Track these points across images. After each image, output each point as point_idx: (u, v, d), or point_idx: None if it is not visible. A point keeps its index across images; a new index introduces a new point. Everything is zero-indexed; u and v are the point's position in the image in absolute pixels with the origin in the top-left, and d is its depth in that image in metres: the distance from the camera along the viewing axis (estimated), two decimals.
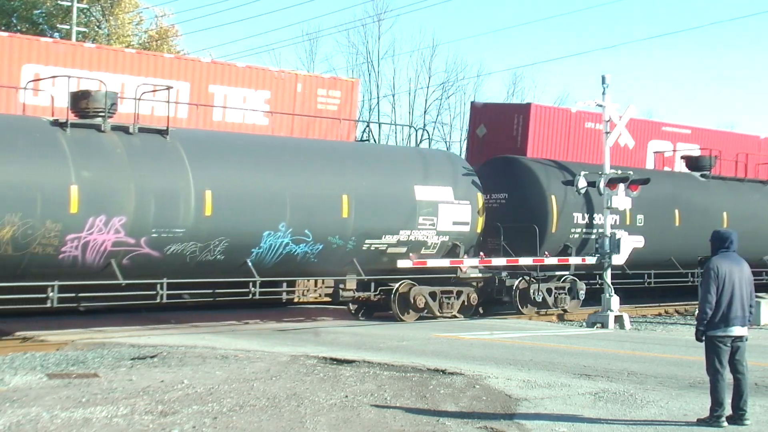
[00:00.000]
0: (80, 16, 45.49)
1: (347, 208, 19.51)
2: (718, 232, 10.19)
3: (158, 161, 17.59)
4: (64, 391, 11.11)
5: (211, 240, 17.88)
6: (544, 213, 22.94)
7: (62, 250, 16.37)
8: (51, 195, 16.12)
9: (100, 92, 17.37)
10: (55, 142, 16.58)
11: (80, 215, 16.38)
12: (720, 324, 9.68)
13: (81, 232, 16.46)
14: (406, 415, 10.08)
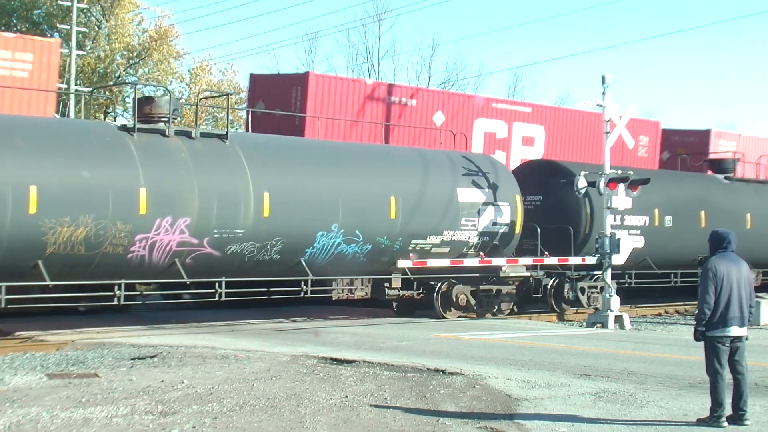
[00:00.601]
0: (80, 16, 45.46)
1: (395, 210, 20.29)
2: (716, 232, 10.20)
3: (219, 165, 18.27)
4: (64, 391, 11.11)
5: (269, 240, 18.58)
6: (577, 214, 23.60)
7: (131, 249, 17.03)
8: (122, 197, 16.76)
9: (163, 98, 18.27)
10: (124, 146, 17.25)
11: (148, 216, 17.05)
12: (718, 324, 9.69)
13: (149, 233, 17.12)
14: (406, 415, 10.08)
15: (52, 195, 16.02)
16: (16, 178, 15.74)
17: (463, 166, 22.04)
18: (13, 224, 15.66)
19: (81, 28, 44.62)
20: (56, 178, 16.20)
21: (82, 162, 16.58)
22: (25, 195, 15.75)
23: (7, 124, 16.76)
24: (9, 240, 15.70)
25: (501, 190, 22.17)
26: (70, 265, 16.49)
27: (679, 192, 26.03)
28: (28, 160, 16.06)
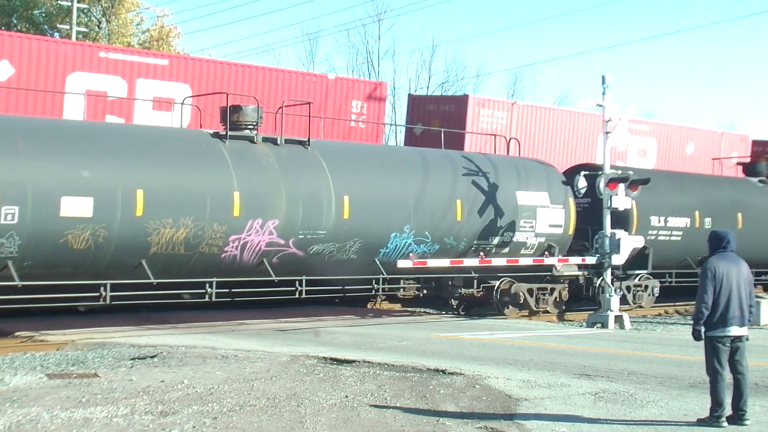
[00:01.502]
0: (80, 16, 45.49)
1: (461, 212, 21.42)
2: (716, 232, 10.20)
3: (303, 169, 19.42)
4: (64, 391, 11.11)
5: (347, 240, 19.74)
6: (625, 216, 24.17)
7: (225, 249, 18.15)
8: (218, 200, 17.90)
9: (249, 107, 19.30)
10: (219, 152, 18.41)
11: (241, 218, 18.17)
12: (718, 324, 9.69)
13: (241, 234, 18.23)
14: (406, 415, 10.08)
15: (156, 198, 17.12)
16: (125, 183, 16.83)
17: (521, 171, 23.16)
18: (121, 225, 16.76)
19: (81, 28, 44.64)
20: (160, 182, 17.31)
21: (183, 167, 17.78)
22: (133, 198, 16.86)
23: (118, 132, 18.13)
24: (117, 240, 16.78)
25: (555, 194, 23.21)
26: (170, 264, 17.60)
27: (717, 195, 27.62)
28: (136, 165, 17.18)
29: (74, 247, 16.42)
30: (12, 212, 15.75)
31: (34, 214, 15.93)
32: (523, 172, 23.11)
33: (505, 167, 23.05)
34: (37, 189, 16.00)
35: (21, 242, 15.89)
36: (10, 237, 15.79)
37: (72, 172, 16.42)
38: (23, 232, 15.86)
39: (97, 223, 16.53)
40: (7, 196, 15.65)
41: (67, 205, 16.22)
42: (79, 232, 16.40)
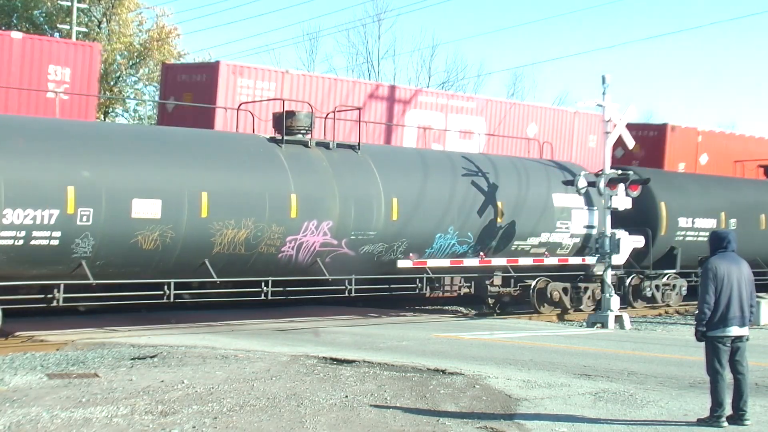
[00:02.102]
0: (80, 17, 45.47)
1: (501, 214, 22.14)
2: (716, 232, 10.22)
3: (354, 173, 20.12)
4: (64, 391, 11.11)
5: (395, 241, 20.47)
6: (655, 217, 25.38)
7: (282, 249, 18.82)
8: (276, 202, 18.58)
9: (302, 113, 20.02)
10: (276, 156, 19.11)
11: (298, 220, 18.86)
12: (719, 324, 9.68)
13: (297, 235, 18.92)
14: (406, 415, 10.08)
15: (220, 200, 17.79)
16: (191, 186, 17.52)
17: (556, 173, 23.90)
18: (188, 226, 17.42)
19: (81, 28, 44.62)
20: (223, 185, 17.99)
21: (244, 170, 18.48)
22: (198, 200, 17.53)
23: (183, 137, 18.81)
24: (184, 240, 17.44)
25: (590, 196, 23.65)
26: (230, 264, 18.26)
27: (741, 197, 28.60)
28: (200, 169, 17.90)
29: (143, 247, 17.07)
30: (87, 214, 16.35)
31: (108, 215, 16.54)
32: (556, 174, 23.79)
33: (543, 170, 23.94)
34: (110, 191, 16.61)
35: (95, 242, 16.51)
36: (84, 237, 16.41)
37: (143, 176, 17.08)
38: (97, 232, 16.46)
39: (165, 224, 17.19)
40: (83, 198, 16.27)
41: (138, 207, 16.88)
42: (149, 233, 17.06)
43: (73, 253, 16.38)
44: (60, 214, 16.04)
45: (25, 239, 15.83)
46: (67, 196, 16.12)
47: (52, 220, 16.01)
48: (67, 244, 16.25)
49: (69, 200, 16.13)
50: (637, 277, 25.32)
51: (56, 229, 16.08)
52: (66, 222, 16.11)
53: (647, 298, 25.61)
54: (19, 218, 15.72)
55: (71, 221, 16.16)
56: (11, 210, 15.64)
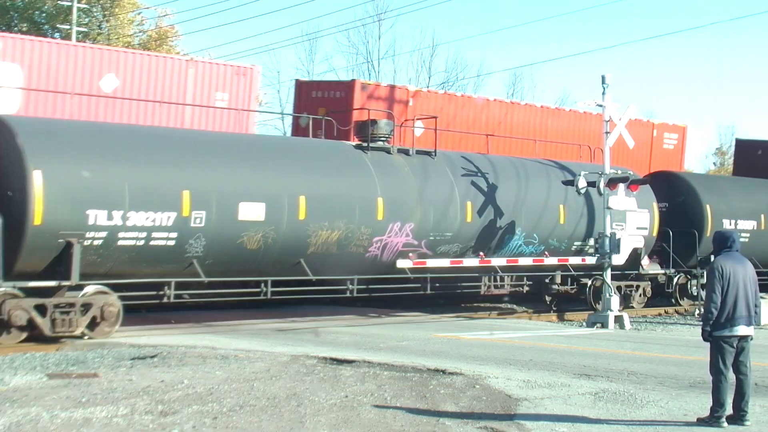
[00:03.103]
0: (80, 17, 45.48)
1: (564, 216, 23.41)
2: (720, 232, 10.19)
3: (432, 177, 21.46)
4: (64, 391, 11.11)
5: (469, 242, 21.78)
6: (700, 219, 26.61)
7: (369, 249, 20.12)
8: (365, 205, 19.92)
9: (383, 121, 21.47)
10: (363, 162, 20.48)
11: (384, 222, 20.19)
12: (726, 324, 9.64)
13: (383, 236, 20.26)
14: (406, 415, 10.08)
15: (316, 203, 19.06)
16: (290, 190, 18.80)
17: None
18: (287, 227, 18.68)
19: (81, 28, 44.64)
20: (318, 189, 19.25)
21: (336, 175, 19.84)
22: (296, 204, 18.81)
23: (279, 144, 20.68)
24: (283, 241, 18.66)
25: (642, 198, 24.67)
26: (323, 263, 19.47)
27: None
28: (298, 174, 19.19)
29: (248, 247, 18.29)
30: (200, 216, 17.59)
31: (218, 217, 17.77)
32: None
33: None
34: (220, 196, 17.83)
35: (206, 243, 17.73)
36: (197, 238, 17.65)
37: (248, 181, 18.37)
38: (208, 233, 17.67)
39: (268, 226, 18.43)
40: (197, 202, 17.51)
41: (244, 210, 18.13)
42: (253, 234, 18.28)
43: (186, 252, 17.61)
44: (177, 216, 17.28)
45: (145, 240, 16.99)
46: (183, 200, 17.38)
47: (170, 222, 17.23)
48: (182, 244, 17.47)
49: (184, 204, 17.40)
50: (684, 276, 26.68)
51: (173, 230, 17.30)
52: (182, 224, 17.35)
53: (693, 296, 26.71)
54: (140, 220, 16.88)
55: (186, 223, 17.41)
56: (134, 212, 16.80)
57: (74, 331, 16.51)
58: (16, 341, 16.04)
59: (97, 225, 16.49)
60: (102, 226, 16.54)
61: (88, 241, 16.43)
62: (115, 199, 16.66)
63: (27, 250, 15.99)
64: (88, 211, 16.37)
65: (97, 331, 16.84)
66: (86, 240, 16.39)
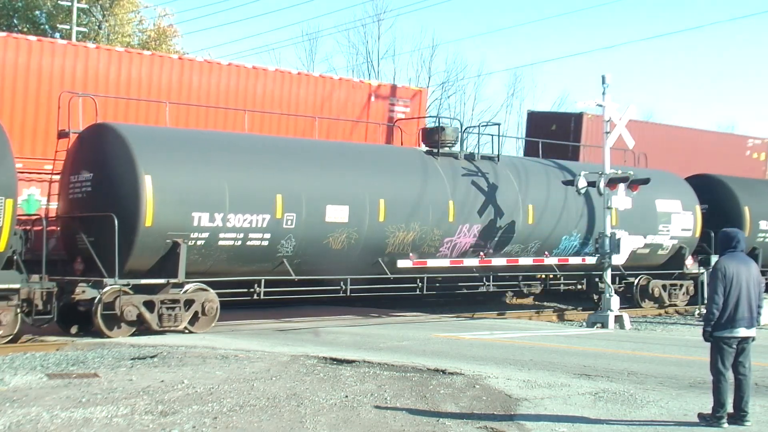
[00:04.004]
0: (80, 17, 45.48)
1: (615, 217, 23.89)
2: (725, 231, 10.08)
3: (497, 181, 22.68)
4: (64, 391, 11.11)
5: (529, 242, 23.05)
6: (739, 221, 27.31)
7: (440, 250, 21.51)
8: (437, 208, 21.24)
9: (450, 128, 22.64)
10: (434, 167, 21.78)
11: (455, 223, 21.50)
12: (726, 325, 9.60)
13: (453, 237, 21.59)
14: (406, 415, 10.08)
15: (394, 206, 20.43)
16: (371, 193, 20.16)
17: (657, 181, 25.57)
18: (368, 229, 20.05)
19: (81, 28, 44.63)
20: (396, 192, 20.64)
21: (412, 180, 21.09)
22: (377, 206, 20.16)
23: (360, 150, 21.63)
24: (365, 242, 20.04)
25: (686, 201, 26.45)
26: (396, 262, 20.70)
27: None
28: (378, 178, 20.54)
29: (332, 247, 19.66)
30: (291, 218, 18.89)
31: (307, 219, 19.08)
32: (658, 182, 25.47)
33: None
34: (309, 199, 19.15)
35: (295, 243, 19.04)
36: (288, 239, 18.94)
37: (334, 185, 19.69)
38: (298, 234, 18.98)
39: (351, 227, 19.77)
40: (289, 205, 18.80)
41: (330, 212, 19.46)
42: (338, 235, 19.61)
43: (277, 252, 18.90)
44: (270, 218, 18.57)
45: (242, 240, 18.30)
46: (277, 203, 18.69)
47: (264, 223, 18.52)
48: (274, 244, 18.77)
49: (278, 206, 18.71)
50: None
51: (267, 231, 18.57)
52: (275, 225, 18.65)
53: None
54: (239, 222, 18.19)
55: (279, 225, 18.71)
56: (233, 215, 18.09)
57: (178, 326, 17.65)
58: (126, 335, 17.12)
59: (201, 226, 17.75)
60: (205, 227, 17.80)
61: (192, 242, 17.65)
62: (217, 202, 17.93)
63: (138, 249, 17.22)
64: (193, 213, 17.65)
65: (197, 326, 17.99)
66: (190, 240, 17.63)
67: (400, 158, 21.65)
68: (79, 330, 17.74)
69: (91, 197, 17.79)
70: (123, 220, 16.83)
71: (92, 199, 17.75)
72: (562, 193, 23.45)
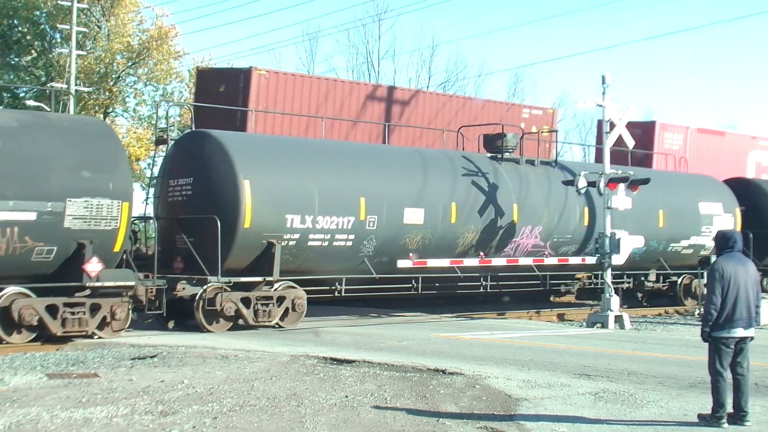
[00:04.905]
0: (80, 17, 45.43)
1: (663, 220, 25.95)
2: (722, 232, 10.10)
3: (555, 185, 23.64)
4: (64, 391, 11.11)
5: (586, 243, 24.10)
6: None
7: (504, 250, 22.73)
8: (502, 210, 22.42)
9: (510, 134, 23.68)
10: (499, 172, 22.97)
11: (518, 225, 22.82)
12: (724, 325, 9.61)
13: (517, 237, 22.87)
14: (406, 415, 10.08)
15: (463, 209, 21.73)
16: (444, 197, 21.43)
17: (700, 185, 28.08)
18: (441, 230, 21.33)
19: (81, 28, 44.59)
20: (465, 196, 21.84)
21: (479, 184, 22.22)
22: (449, 209, 21.48)
23: (435, 156, 22.58)
24: (437, 242, 21.28)
25: (726, 204, 27.78)
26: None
27: None
28: (449, 182, 21.76)
29: (409, 247, 20.76)
30: (373, 220, 20.14)
31: (387, 221, 20.34)
32: (701, 185, 27.99)
33: (689, 182, 28.33)
34: (389, 202, 20.40)
35: (376, 243, 20.31)
36: (370, 240, 20.19)
37: (411, 189, 20.95)
38: (379, 235, 20.27)
39: (426, 228, 21.00)
40: (371, 207, 20.05)
41: (408, 215, 20.73)
42: (414, 236, 20.81)
43: (360, 252, 20.14)
44: (355, 220, 19.81)
45: (329, 241, 19.52)
46: (360, 206, 19.90)
47: (349, 225, 19.75)
48: (357, 245, 20.02)
49: (361, 209, 19.95)
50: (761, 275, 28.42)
51: (351, 232, 19.82)
52: (358, 227, 19.91)
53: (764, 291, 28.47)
54: (326, 224, 19.43)
55: (362, 226, 19.97)
56: (322, 217, 19.31)
57: (271, 322, 18.87)
58: (224, 329, 18.34)
59: (293, 228, 18.95)
60: (296, 228, 19.00)
61: (284, 242, 18.84)
62: (307, 205, 19.15)
63: (236, 249, 18.39)
64: (287, 215, 18.84)
65: (286, 322, 19.25)
66: (283, 241, 18.80)
67: (468, 164, 22.64)
68: (176, 325, 18.86)
69: (191, 200, 18.91)
70: (223, 222, 17.98)
71: (192, 202, 18.87)
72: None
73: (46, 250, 15.95)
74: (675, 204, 26.52)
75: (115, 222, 16.49)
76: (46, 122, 16.89)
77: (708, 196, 27.53)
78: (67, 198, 15.99)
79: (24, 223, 15.64)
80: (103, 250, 16.36)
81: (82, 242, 16.12)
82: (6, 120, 16.36)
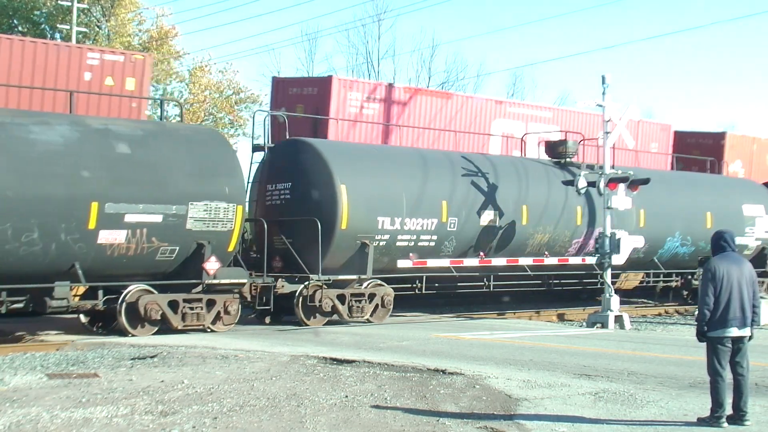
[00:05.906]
0: (80, 16, 45.42)
1: (711, 221, 26.79)
2: (718, 232, 10.14)
3: None
4: (64, 391, 11.11)
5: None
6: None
7: (568, 250, 24.11)
8: (567, 213, 23.78)
9: (570, 140, 25.00)
10: (562, 177, 23.58)
11: (581, 227, 24.12)
12: (718, 325, 9.64)
13: (580, 239, 24.21)
14: (406, 415, 10.08)
15: (534, 212, 23.02)
16: (516, 200, 22.76)
17: (744, 188, 29.37)
18: (513, 231, 22.65)
19: (81, 28, 44.58)
20: (535, 199, 23.12)
21: (547, 187, 23.49)
22: (520, 211, 22.83)
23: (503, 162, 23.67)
24: (506, 241, 22.53)
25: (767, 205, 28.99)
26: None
27: None
28: (519, 186, 23.02)
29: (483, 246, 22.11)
30: (454, 222, 21.59)
31: (465, 223, 21.75)
32: (744, 188, 29.15)
33: (733, 184, 29.62)
34: (468, 205, 21.83)
35: (455, 244, 21.68)
36: (450, 240, 21.55)
37: (485, 193, 22.18)
38: (458, 236, 21.65)
39: (499, 229, 22.36)
40: (452, 210, 21.44)
41: (483, 217, 22.10)
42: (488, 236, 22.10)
43: (441, 252, 21.46)
44: (437, 222, 21.22)
45: (415, 241, 20.89)
46: (443, 209, 21.31)
47: (432, 226, 21.15)
48: (439, 245, 21.39)
49: (443, 212, 21.35)
50: None
51: (434, 233, 21.21)
52: (440, 228, 21.31)
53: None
54: (413, 225, 20.85)
55: (444, 228, 21.36)
56: (409, 219, 20.73)
57: (364, 317, 20.23)
58: (320, 324, 19.69)
59: (384, 229, 20.35)
60: (387, 229, 20.39)
61: (376, 242, 20.19)
62: (396, 207, 20.55)
63: (333, 249, 19.74)
64: (378, 217, 20.23)
65: (375, 317, 20.52)
66: (375, 241, 20.14)
67: (532, 168, 23.89)
68: (272, 321, 20.09)
69: (290, 204, 20.28)
70: (322, 223, 19.34)
71: (290, 206, 20.24)
72: (668, 199, 25.97)
73: (170, 250, 17.30)
74: (721, 206, 27.58)
75: (231, 224, 17.89)
76: (166, 131, 18.34)
77: (751, 199, 28.62)
78: (189, 201, 17.36)
79: (152, 224, 16.90)
80: (220, 249, 17.79)
81: (201, 242, 17.51)
82: (132, 129, 17.55)
